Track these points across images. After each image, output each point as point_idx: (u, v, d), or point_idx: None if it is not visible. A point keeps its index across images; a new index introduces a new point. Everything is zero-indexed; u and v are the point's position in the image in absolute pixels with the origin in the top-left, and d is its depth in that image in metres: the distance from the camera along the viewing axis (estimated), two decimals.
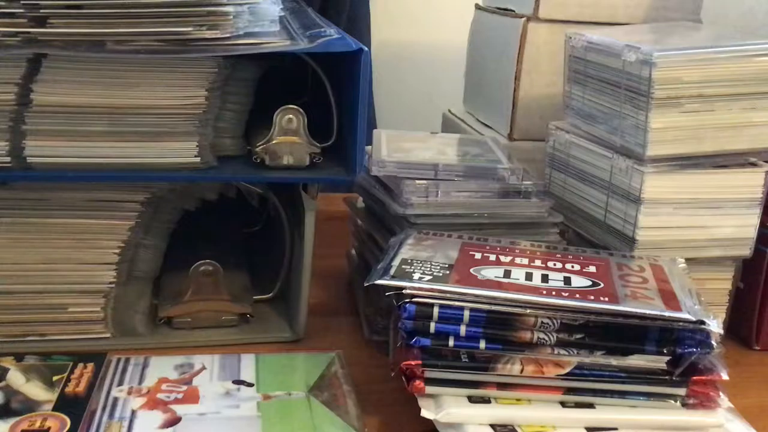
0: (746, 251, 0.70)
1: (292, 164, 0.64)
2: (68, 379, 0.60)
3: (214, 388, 0.60)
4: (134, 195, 0.66)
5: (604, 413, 0.55)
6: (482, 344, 0.55)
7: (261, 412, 0.57)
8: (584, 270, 0.61)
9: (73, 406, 0.56)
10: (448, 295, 0.55)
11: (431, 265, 0.59)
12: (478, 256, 0.62)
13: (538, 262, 0.62)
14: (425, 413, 0.54)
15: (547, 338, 0.55)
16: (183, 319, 0.69)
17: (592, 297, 0.55)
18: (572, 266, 0.62)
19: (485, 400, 0.55)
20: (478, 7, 1.05)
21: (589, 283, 0.58)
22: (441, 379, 0.55)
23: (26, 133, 0.60)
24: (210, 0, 0.56)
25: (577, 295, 0.55)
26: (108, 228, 0.65)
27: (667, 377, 0.55)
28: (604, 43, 0.72)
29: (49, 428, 0.54)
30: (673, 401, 0.55)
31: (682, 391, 0.55)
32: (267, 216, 0.85)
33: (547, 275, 0.59)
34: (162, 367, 0.63)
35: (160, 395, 0.59)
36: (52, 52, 0.57)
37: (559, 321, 0.54)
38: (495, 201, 0.71)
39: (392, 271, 0.58)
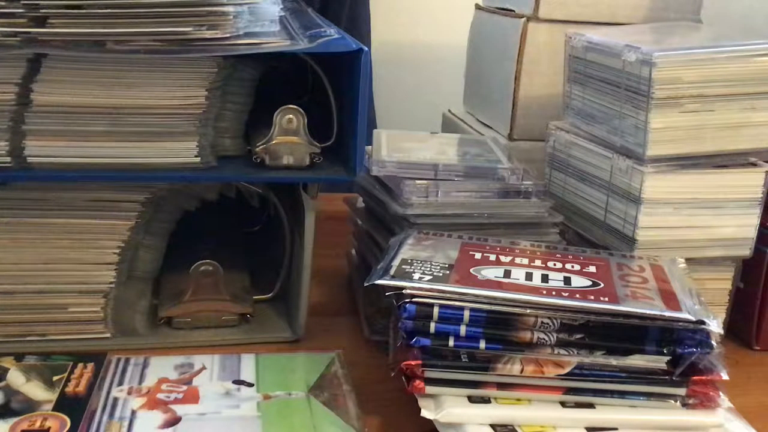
0: (746, 251, 0.70)
1: (292, 164, 0.64)
2: (68, 379, 0.60)
3: (214, 388, 0.60)
4: (134, 195, 0.66)
5: (604, 413, 0.55)
6: (482, 344, 0.55)
7: (261, 412, 0.57)
8: (584, 270, 0.61)
9: (73, 406, 0.56)
10: (448, 295, 0.55)
11: (431, 265, 0.59)
12: (478, 256, 0.62)
13: (538, 262, 0.62)
14: (425, 413, 0.54)
15: (547, 338, 0.55)
16: (183, 319, 0.69)
17: (592, 297, 0.55)
18: (572, 266, 0.62)
19: (485, 400, 0.55)
20: (478, 7, 1.05)
21: (589, 283, 0.58)
22: (441, 379, 0.55)
23: (26, 133, 0.60)
24: (210, 0, 0.56)
25: (577, 295, 0.55)
26: (108, 228, 0.65)
27: (667, 377, 0.55)
28: (604, 43, 0.72)
29: (49, 428, 0.54)
30: (673, 401, 0.55)
31: (682, 391, 0.55)
32: (267, 216, 0.85)
33: (547, 275, 0.59)
34: (162, 367, 0.63)
35: (160, 395, 0.59)
36: (52, 52, 0.57)
37: (559, 321, 0.54)
38: (495, 201, 0.71)
39: (392, 271, 0.58)
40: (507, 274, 0.59)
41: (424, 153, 0.77)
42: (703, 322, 0.54)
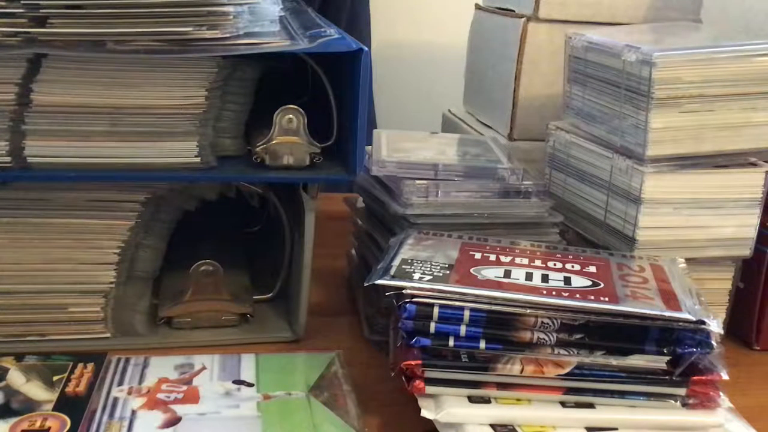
0: (746, 251, 0.70)
1: (292, 164, 0.64)
2: (68, 379, 0.60)
3: (214, 388, 0.60)
4: (134, 195, 0.66)
5: (604, 413, 0.55)
6: (482, 344, 0.55)
7: (261, 412, 0.57)
8: (584, 270, 0.61)
9: (74, 406, 0.56)
10: (448, 295, 0.55)
11: (431, 265, 0.59)
12: (478, 256, 0.62)
13: (538, 262, 0.62)
14: (425, 413, 0.54)
15: (547, 338, 0.55)
16: (183, 319, 0.69)
17: (592, 297, 0.55)
18: (572, 266, 0.62)
19: (485, 400, 0.55)
20: (478, 7, 1.05)
21: (589, 283, 0.58)
22: (441, 379, 0.55)
23: (26, 133, 0.60)
24: (210, 0, 0.56)
25: (577, 295, 0.55)
26: (108, 228, 0.65)
27: (667, 377, 0.55)
28: (604, 43, 0.72)
29: (49, 428, 0.54)
30: (673, 401, 0.55)
31: (682, 391, 0.55)
32: (267, 216, 0.85)
33: (547, 275, 0.59)
34: (162, 367, 0.63)
35: (160, 395, 0.59)
36: (52, 52, 0.57)
37: (559, 321, 0.54)
38: (495, 201, 0.71)
39: (392, 271, 0.58)
40: (507, 274, 0.59)
41: (424, 153, 0.77)
42: (704, 322, 0.53)
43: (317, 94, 0.71)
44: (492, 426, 0.53)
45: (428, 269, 0.58)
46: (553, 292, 0.56)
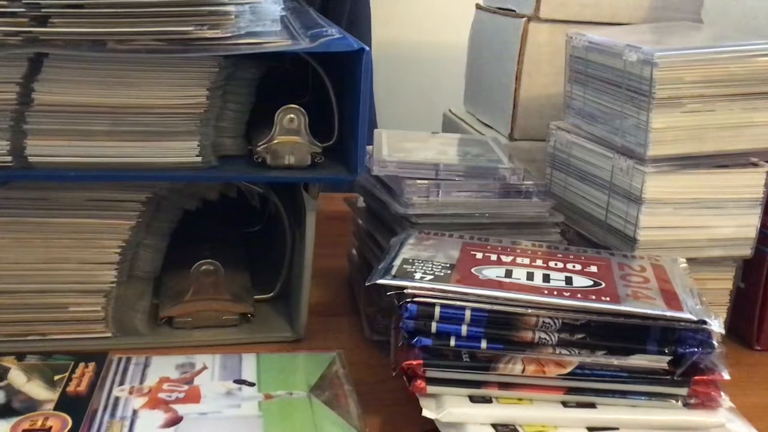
0: (747, 251, 0.70)
1: (294, 164, 0.64)
2: (69, 379, 0.60)
3: (215, 387, 0.60)
4: (135, 194, 0.66)
5: (605, 413, 0.55)
6: (483, 344, 0.55)
7: (262, 412, 0.57)
8: (585, 270, 0.61)
9: (75, 405, 0.56)
10: (450, 295, 0.55)
11: (432, 264, 0.59)
12: (479, 255, 0.62)
13: (539, 262, 0.62)
14: (426, 413, 0.54)
15: (548, 338, 0.55)
16: (184, 318, 0.69)
17: (594, 297, 0.55)
18: (573, 266, 0.62)
19: (486, 400, 0.55)
20: (478, 7, 1.05)
21: (591, 282, 0.58)
22: (442, 378, 0.55)
23: (27, 133, 0.60)
24: (211, 0, 0.56)
25: (579, 295, 0.55)
26: (109, 227, 0.65)
27: (668, 377, 0.55)
28: (605, 43, 0.72)
29: (50, 428, 0.54)
30: (674, 401, 0.55)
31: (683, 391, 0.55)
32: (267, 216, 0.85)
33: (549, 275, 0.59)
34: (163, 367, 0.63)
35: (161, 395, 0.59)
36: (54, 51, 0.57)
37: (560, 321, 0.54)
38: (496, 201, 0.71)
39: (393, 271, 0.58)
40: (508, 273, 0.59)
41: (425, 153, 0.77)
42: (705, 322, 0.54)
43: (318, 94, 0.71)
44: (493, 426, 0.53)
45: (429, 269, 0.58)
46: (555, 292, 0.56)
